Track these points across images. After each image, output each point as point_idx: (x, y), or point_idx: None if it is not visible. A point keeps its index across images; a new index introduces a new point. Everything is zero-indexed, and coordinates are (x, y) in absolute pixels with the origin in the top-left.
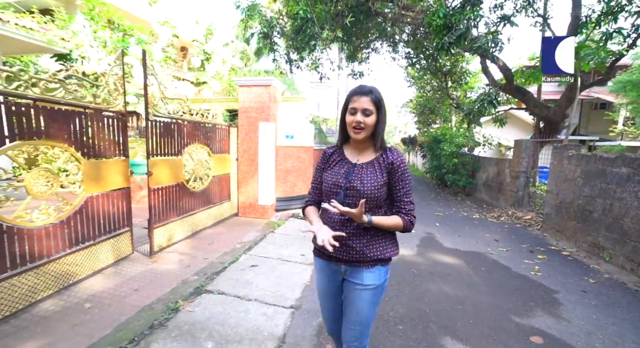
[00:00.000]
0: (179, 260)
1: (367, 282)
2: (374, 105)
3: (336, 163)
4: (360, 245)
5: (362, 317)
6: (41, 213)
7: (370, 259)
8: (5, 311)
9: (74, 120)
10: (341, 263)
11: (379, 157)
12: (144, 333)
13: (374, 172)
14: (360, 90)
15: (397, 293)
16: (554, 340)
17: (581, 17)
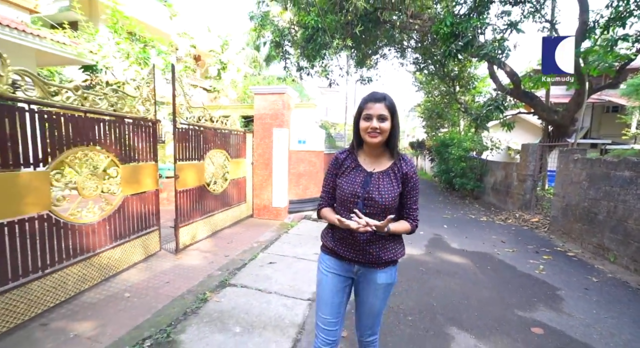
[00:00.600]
0: (202, 257)
1: (380, 281)
2: (388, 111)
3: (351, 170)
4: (376, 250)
5: (376, 311)
6: (88, 211)
7: (384, 261)
8: (61, 297)
9: (115, 128)
10: (355, 264)
11: (393, 166)
12: (179, 319)
13: (390, 183)
14: (374, 97)
15: (406, 288)
16: (553, 331)
17: (589, 22)
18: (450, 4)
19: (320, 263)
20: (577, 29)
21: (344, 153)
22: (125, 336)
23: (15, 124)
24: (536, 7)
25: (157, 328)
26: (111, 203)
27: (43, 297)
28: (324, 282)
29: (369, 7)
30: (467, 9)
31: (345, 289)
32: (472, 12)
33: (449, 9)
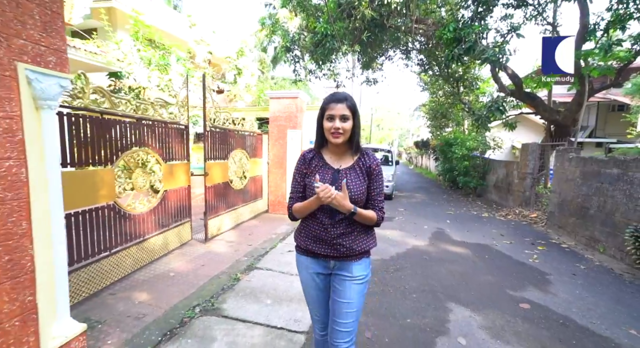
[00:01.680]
0: (228, 245)
1: (356, 273)
2: (350, 111)
3: (319, 168)
4: (348, 242)
5: (353, 308)
6: (140, 203)
7: (357, 253)
8: (122, 273)
9: (159, 132)
10: (330, 259)
11: (358, 161)
12: (219, 293)
13: (357, 177)
14: (336, 97)
15: (411, 273)
16: (538, 306)
17: (589, 25)
18: (455, 8)
19: (298, 265)
20: (577, 31)
21: (311, 152)
22: (179, 304)
23: (94, 130)
24: (538, 10)
25: (202, 299)
26: (156, 196)
27: (110, 272)
28: (306, 281)
29: (376, 14)
30: (471, 13)
31: (327, 285)
32: (475, 17)
33: (453, 13)
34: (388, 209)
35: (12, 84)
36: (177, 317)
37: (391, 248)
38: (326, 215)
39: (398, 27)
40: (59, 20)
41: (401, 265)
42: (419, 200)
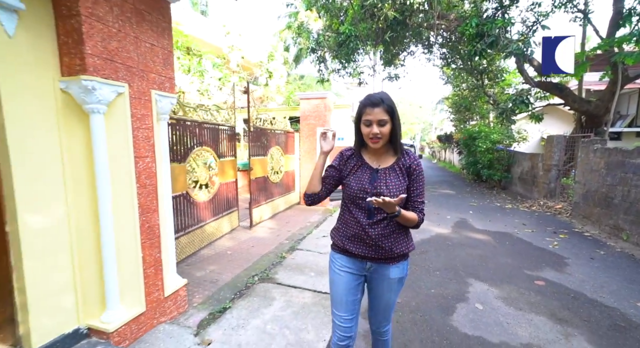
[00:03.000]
0: (270, 231)
1: (393, 275)
2: (387, 115)
3: (357, 168)
4: (388, 244)
5: (390, 305)
6: (202, 193)
7: (396, 255)
8: (191, 251)
9: (214, 133)
10: (367, 260)
11: (397, 161)
12: (270, 267)
13: (396, 177)
14: (371, 101)
15: (435, 255)
16: (552, 283)
17: (624, 10)
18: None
19: (332, 263)
20: (611, 17)
21: (350, 151)
22: (241, 273)
23: (174, 134)
24: None
25: (258, 270)
26: (213, 188)
27: (185, 247)
28: (337, 281)
29: (398, 15)
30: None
31: (358, 287)
32: (498, 9)
33: (477, 5)
34: None
35: (148, 105)
36: (242, 283)
37: (416, 235)
38: (364, 215)
39: (420, 24)
40: (171, 56)
41: (425, 248)
42: (442, 193)
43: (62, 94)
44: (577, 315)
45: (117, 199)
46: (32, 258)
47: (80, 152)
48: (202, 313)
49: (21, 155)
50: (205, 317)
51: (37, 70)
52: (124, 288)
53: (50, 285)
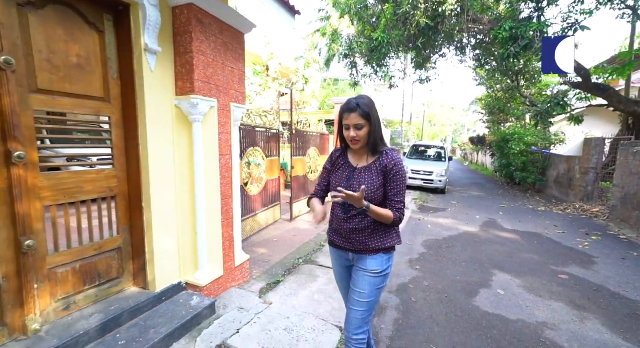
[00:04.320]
0: (308, 224)
1: (370, 267)
2: (363, 119)
3: (340, 166)
4: (362, 238)
5: (364, 298)
6: (254, 188)
7: (372, 249)
8: (244, 236)
9: (263, 135)
10: (349, 252)
11: (375, 161)
12: (311, 252)
13: (370, 176)
14: (348, 107)
15: (461, 250)
16: (576, 277)
17: None
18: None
19: (331, 255)
20: None
21: (339, 151)
22: (287, 256)
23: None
24: None
25: (302, 254)
26: (261, 183)
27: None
28: (335, 270)
29: (430, 22)
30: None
31: (349, 278)
32: (535, 12)
33: (513, 6)
34: (441, 202)
35: (228, 114)
36: (290, 263)
37: (444, 232)
38: (341, 210)
39: (452, 28)
40: (244, 76)
41: (453, 244)
42: (472, 194)
43: (176, 108)
44: (596, 304)
45: (207, 187)
46: (155, 228)
47: (184, 151)
48: (261, 283)
49: (154, 150)
50: (264, 286)
51: (163, 92)
52: (209, 256)
53: (165, 248)
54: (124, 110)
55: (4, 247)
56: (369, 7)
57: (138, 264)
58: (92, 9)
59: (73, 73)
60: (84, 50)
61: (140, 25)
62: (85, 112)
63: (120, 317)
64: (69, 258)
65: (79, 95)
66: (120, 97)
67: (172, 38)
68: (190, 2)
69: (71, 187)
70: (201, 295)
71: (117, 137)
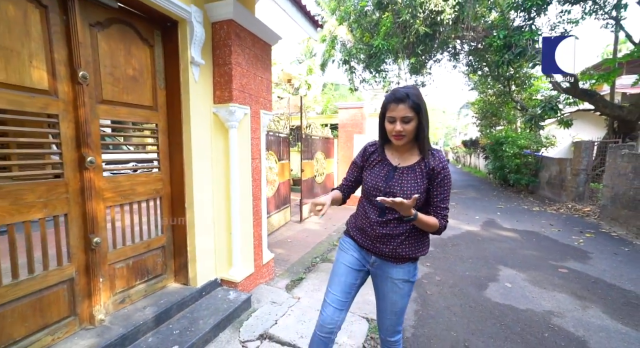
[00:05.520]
0: (318, 225)
1: (397, 276)
2: (412, 111)
3: (377, 163)
4: (393, 245)
5: (397, 308)
6: (268, 189)
7: (401, 257)
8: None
9: (276, 140)
10: (372, 254)
11: (420, 162)
12: (326, 252)
13: (414, 178)
14: (395, 97)
15: (466, 247)
16: (575, 271)
17: None
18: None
19: (341, 244)
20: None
21: (374, 145)
22: (304, 255)
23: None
24: (599, 4)
25: (317, 254)
26: (274, 186)
27: None
28: (341, 258)
29: (429, 30)
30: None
31: (359, 273)
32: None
33: (504, 15)
34: None
35: (258, 120)
36: (308, 262)
37: (448, 232)
38: (375, 212)
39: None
40: (271, 84)
41: (457, 242)
42: (469, 196)
43: (213, 116)
44: (595, 294)
45: (241, 189)
46: (196, 228)
47: (220, 155)
48: (285, 280)
49: (196, 155)
50: (288, 282)
51: (204, 100)
52: (242, 254)
53: (204, 247)
54: (169, 118)
55: (76, 243)
56: (368, 14)
57: (179, 261)
58: (146, 25)
59: (129, 84)
60: (138, 63)
61: (187, 40)
62: (137, 120)
63: (170, 309)
64: (124, 255)
65: (133, 105)
66: (166, 105)
67: (212, 51)
68: (230, 18)
69: (126, 190)
70: (237, 290)
71: (162, 143)
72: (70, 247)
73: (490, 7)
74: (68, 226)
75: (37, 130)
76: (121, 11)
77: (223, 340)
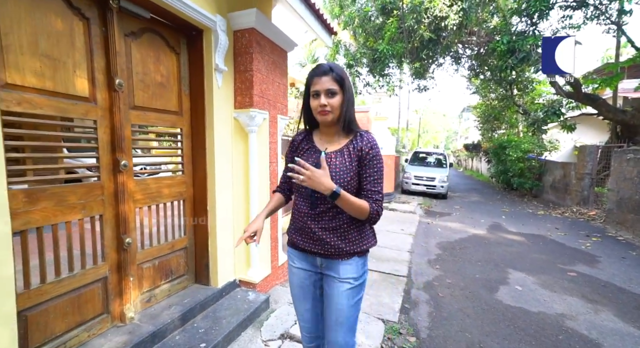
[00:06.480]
0: None
1: (343, 275)
2: (337, 84)
3: (305, 152)
4: (334, 239)
5: (343, 316)
6: None
7: (345, 252)
8: None
9: (285, 143)
10: (317, 256)
11: (349, 144)
12: None
13: (343, 162)
14: (319, 70)
15: (474, 251)
16: (584, 275)
17: None
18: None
19: (288, 257)
20: None
21: (302, 134)
22: None
23: None
24: (600, 10)
25: None
26: None
27: None
28: (291, 278)
29: (433, 36)
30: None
31: (314, 285)
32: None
33: (506, 20)
34: (445, 207)
35: (275, 125)
36: None
37: (454, 235)
38: (306, 204)
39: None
40: (287, 90)
41: (465, 245)
42: (473, 199)
43: (234, 120)
44: (606, 297)
45: (259, 191)
46: (217, 229)
47: (240, 159)
48: None
49: (218, 158)
50: None
51: (226, 106)
52: (260, 255)
53: (224, 248)
54: (192, 122)
55: (110, 243)
56: (372, 19)
57: (201, 262)
58: (173, 34)
59: (157, 90)
60: (166, 70)
61: (212, 48)
62: (164, 125)
63: (195, 308)
64: (151, 256)
65: (161, 110)
66: (190, 110)
67: (233, 58)
68: (252, 27)
69: (153, 192)
70: (256, 291)
71: (186, 147)
72: (104, 246)
73: (493, 12)
74: (103, 227)
75: (79, 135)
76: (152, 21)
77: (246, 339)
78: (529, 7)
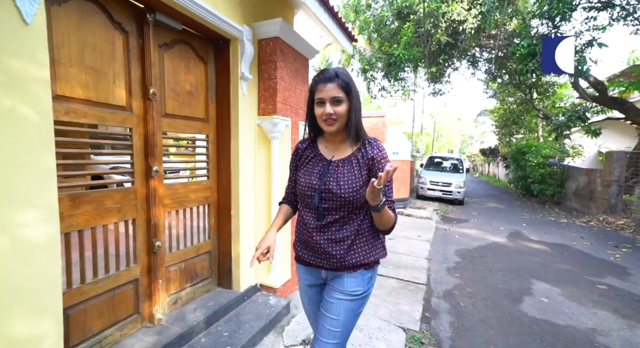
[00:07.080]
0: None
1: (348, 288)
2: (343, 91)
3: (310, 160)
4: (340, 252)
5: (337, 326)
6: None
7: (351, 265)
8: None
9: None
10: (322, 269)
11: (357, 152)
12: None
13: (351, 171)
14: (324, 76)
15: (494, 259)
16: (615, 288)
17: None
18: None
19: (297, 276)
20: None
21: (305, 142)
22: None
23: None
24: (627, 10)
25: None
26: None
27: None
28: (303, 299)
29: (451, 39)
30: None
31: None
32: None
33: (526, 23)
34: (462, 213)
35: (296, 131)
36: None
37: (473, 242)
38: (312, 216)
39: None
40: (304, 96)
41: (484, 253)
42: (491, 206)
43: (257, 127)
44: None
45: (281, 197)
46: (240, 234)
47: (263, 165)
48: None
49: (242, 164)
50: None
51: (250, 113)
52: (281, 260)
53: (246, 252)
54: (217, 129)
55: (141, 246)
56: (387, 24)
57: (224, 266)
58: (202, 44)
59: (186, 99)
60: (194, 79)
61: (238, 57)
62: (192, 132)
63: (218, 312)
64: (178, 259)
65: (189, 117)
66: (216, 117)
67: (258, 66)
68: (277, 36)
69: (181, 197)
70: (277, 296)
71: (212, 153)
72: (136, 249)
73: (512, 15)
74: (135, 230)
75: (116, 142)
76: (183, 33)
77: (268, 344)
78: (551, 9)
